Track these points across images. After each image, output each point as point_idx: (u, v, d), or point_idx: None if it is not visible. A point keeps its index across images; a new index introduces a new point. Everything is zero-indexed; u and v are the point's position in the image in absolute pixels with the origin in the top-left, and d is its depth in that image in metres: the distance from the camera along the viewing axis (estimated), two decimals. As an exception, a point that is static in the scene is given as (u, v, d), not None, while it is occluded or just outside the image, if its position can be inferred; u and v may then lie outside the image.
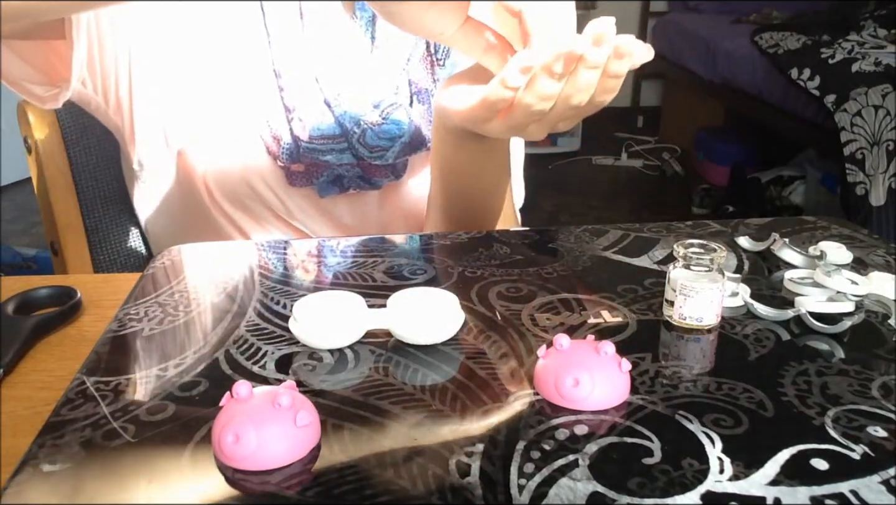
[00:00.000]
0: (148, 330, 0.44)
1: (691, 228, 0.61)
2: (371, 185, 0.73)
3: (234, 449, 0.31)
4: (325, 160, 0.70)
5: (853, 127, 2.02)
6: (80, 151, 0.83)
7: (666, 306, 0.45)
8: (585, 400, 0.35)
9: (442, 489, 0.30)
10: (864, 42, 2.33)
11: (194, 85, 0.69)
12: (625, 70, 0.46)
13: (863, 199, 2.00)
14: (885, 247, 0.56)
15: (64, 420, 0.35)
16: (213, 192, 0.71)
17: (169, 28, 0.67)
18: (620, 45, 0.44)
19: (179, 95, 0.69)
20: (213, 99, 0.69)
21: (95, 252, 0.85)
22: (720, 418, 0.34)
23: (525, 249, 0.56)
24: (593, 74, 0.45)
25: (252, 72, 0.69)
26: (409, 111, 0.72)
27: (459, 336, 0.42)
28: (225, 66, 0.69)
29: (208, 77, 0.69)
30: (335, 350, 0.41)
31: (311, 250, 0.57)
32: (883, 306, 0.47)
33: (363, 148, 0.70)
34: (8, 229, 2.73)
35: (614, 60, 0.45)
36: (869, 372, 0.39)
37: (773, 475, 0.30)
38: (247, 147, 0.70)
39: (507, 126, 0.50)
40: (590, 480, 0.30)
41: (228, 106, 0.69)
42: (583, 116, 0.51)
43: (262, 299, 0.48)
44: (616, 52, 0.44)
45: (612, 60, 0.45)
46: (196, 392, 0.37)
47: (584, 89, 0.46)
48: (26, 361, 0.48)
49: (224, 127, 0.69)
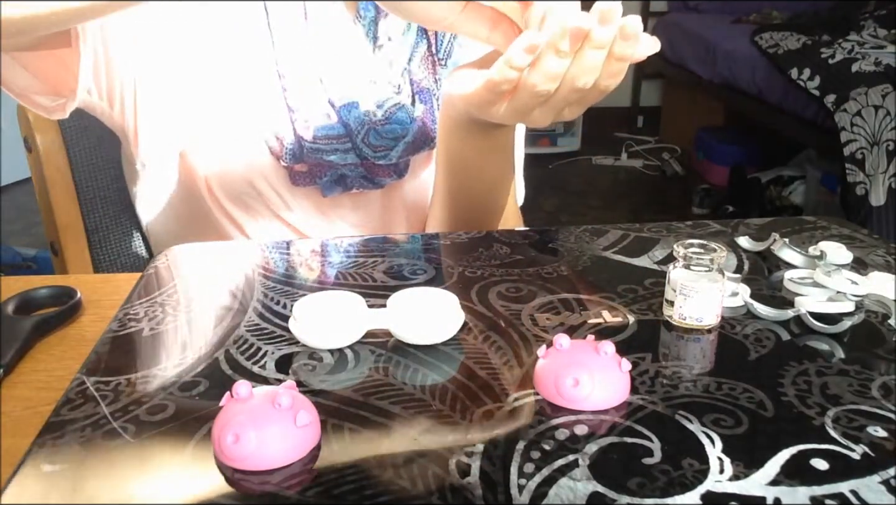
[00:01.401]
0: (148, 330, 0.44)
1: (691, 228, 0.61)
2: (374, 185, 0.74)
3: (234, 449, 0.31)
4: (329, 160, 0.70)
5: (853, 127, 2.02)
6: (80, 151, 0.83)
7: (666, 306, 0.45)
8: (585, 400, 0.35)
9: (442, 489, 0.30)
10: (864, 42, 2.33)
11: (198, 86, 0.69)
12: (630, 53, 0.46)
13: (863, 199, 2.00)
14: (885, 247, 0.56)
15: (64, 420, 0.35)
16: (216, 192, 0.71)
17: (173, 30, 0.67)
18: (626, 26, 0.44)
19: (183, 96, 0.69)
20: (216, 100, 0.69)
21: (95, 252, 0.85)
22: (720, 418, 0.34)
23: (525, 249, 0.56)
24: (599, 55, 0.45)
25: (256, 72, 0.69)
26: (412, 111, 0.72)
27: (459, 336, 0.42)
28: (228, 67, 0.69)
29: (212, 78, 0.69)
30: (335, 350, 0.41)
31: (312, 250, 0.57)
32: (883, 306, 0.47)
33: (367, 148, 0.70)
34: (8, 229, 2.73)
35: (620, 42, 0.45)
36: (869, 372, 0.39)
37: (773, 475, 0.30)
38: (250, 147, 0.70)
39: (511, 110, 0.50)
40: (590, 480, 0.30)
41: (232, 106, 0.69)
42: (588, 104, 0.51)
43: (262, 299, 0.48)
44: (622, 32, 0.44)
45: (617, 42, 0.45)
46: (196, 392, 0.37)
47: (589, 70, 0.46)
48: (26, 361, 0.48)
49: (227, 127, 0.69)
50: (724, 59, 2.83)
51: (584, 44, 0.44)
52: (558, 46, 0.44)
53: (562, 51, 0.44)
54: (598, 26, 0.43)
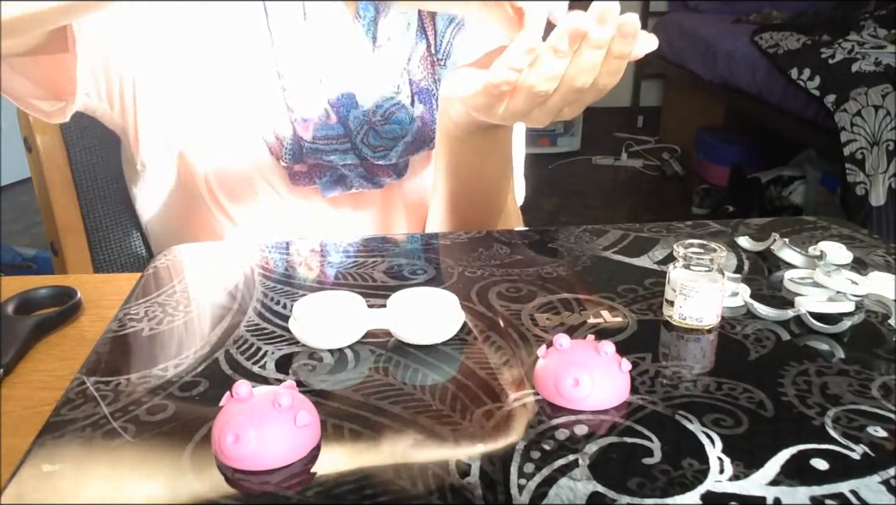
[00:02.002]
0: (148, 330, 0.44)
1: (691, 228, 0.61)
2: (373, 185, 0.74)
3: (234, 449, 0.31)
4: (329, 160, 0.70)
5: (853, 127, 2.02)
6: (80, 151, 0.83)
7: (666, 306, 0.45)
8: (585, 400, 0.35)
9: (442, 489, 0.30)
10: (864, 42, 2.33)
11: (197, 85, 0.69)
12: (629, 51, 0.46)
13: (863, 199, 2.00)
14: (885, 247, 0.56)
15: (64, 420, 0.35)
16: (215, 191, 0.71)
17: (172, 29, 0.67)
18: (624, 24, 0.44)
19: (182, 96, 0.69)
20: (215, 99, 0.69)
21: (95, 252, 0.85)
22: (720, 418, 0.34)
23: (525, 249, 0.56)
24: (598, 54, 0.45)
25: (255, 72, 0.69)
26: (411, 111, 0.72)
27: (459, 336, 0.42)
28: (228, 67, 0.69)
29: (211, 77, 0.69)
30: (335, 350, 0.41)
31: (311, 250, 0.57)
32: (883, 306, 0.47)
33: (366, 148, 0.70)
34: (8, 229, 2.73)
35: (618, 40, 0.45)
36: (869, 372, 0.39)
37: (773, 475, 0.30)
38: (249, 147, 0.70)
39: (511, 110, 0.50)
40: (590, 480, 0.30)
41: (231, 106, 0.69)
42: (587, 103, 0.51)
43: (262, 299, 0.48)
44: (620, 30, 0.44)
45: (616, 40, 0.45)
46: (196, 392, 0.37)
47: (588, 69, 0.46)
48: (26, 361, 0.48)
49: (227, 127, 0.69)
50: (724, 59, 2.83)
51: (583, 43, 0.45)
52: (557, 46, 0.44)
53: (560, 51, 0.44)
54: (596, 26, 0.43)
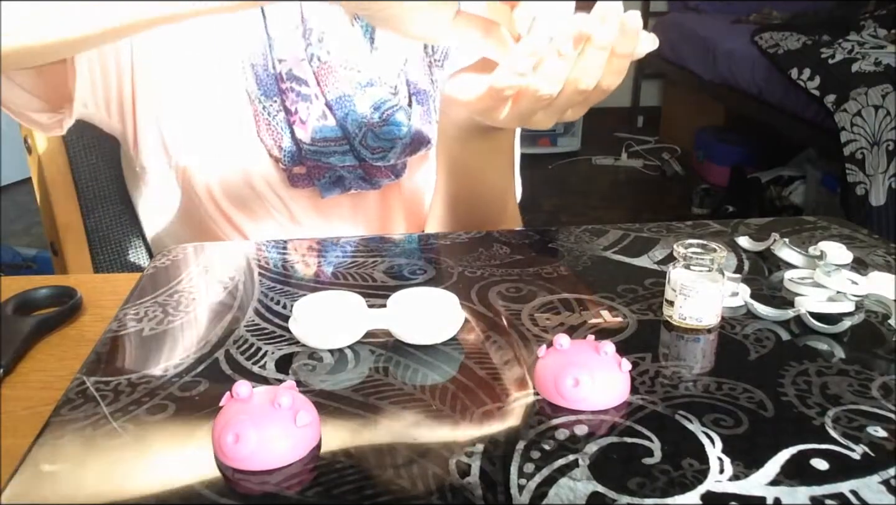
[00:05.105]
0: (148, 330, 0.44)
1: (691, 228, 0.61)
2: (372, 186, 0.74)
3: (234, 449, 0.31)
4: (328, 162, 0.70)
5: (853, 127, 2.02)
6: (80, 151, 0.83)
7: (666, 306, 0.45)
8: (585, 400, 0.35)
9: (442, 489, 0.30)
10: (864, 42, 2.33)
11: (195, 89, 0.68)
12: (631, 50, 0.46)
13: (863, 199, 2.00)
14: (885, 247, 0.56)
15: (64, 420, 0.35)
16: (215, 193, 0.71)
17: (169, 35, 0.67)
18: (627, 22, 0.44)
19: (181, 100, 0.69)
20: (213, 103, 0.69)
21: (95, 252, 0.85)
22: (720, 418, 0.34)
23: (525, 249, 0.56)
24: (602, 55, 0.45)
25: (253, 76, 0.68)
26: (409, 112, 0.72)
27: (459, 336, 0.42)
28: (225, 70, 0.68)
29: (209, 81, 0.68)
30: (335, 350, 0.41)
31: (311, 250, 0.57)
32: (883, 306, 0.47)
33: (365, 149, 0.70)
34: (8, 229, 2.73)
35: (622, 39, 0.45)
36: (869, 372, 0.39)
37: (773, 475, 0.30)
38: (248, 150, 0.70)
39: (515, 114, 0.50)
40: (590, 480, 0.30)
41: (230, 110, 0.69)
42: (591, 103, 0.51)
43: (262, 299, 0.48)
44: (623, 29, 0.44)
45: (619, 39, 0.45)
46: (196, 392, 0.37)
47: (592, 71, 0.46)
48: (26, 361, 0.48)
49: (225, 130, 0.69)
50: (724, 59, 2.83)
51: (587, 45, 0.45)
52: (560, 49, 0.44)
53: (564, 53, 0.44)
54: (599, 27, 0.44)
